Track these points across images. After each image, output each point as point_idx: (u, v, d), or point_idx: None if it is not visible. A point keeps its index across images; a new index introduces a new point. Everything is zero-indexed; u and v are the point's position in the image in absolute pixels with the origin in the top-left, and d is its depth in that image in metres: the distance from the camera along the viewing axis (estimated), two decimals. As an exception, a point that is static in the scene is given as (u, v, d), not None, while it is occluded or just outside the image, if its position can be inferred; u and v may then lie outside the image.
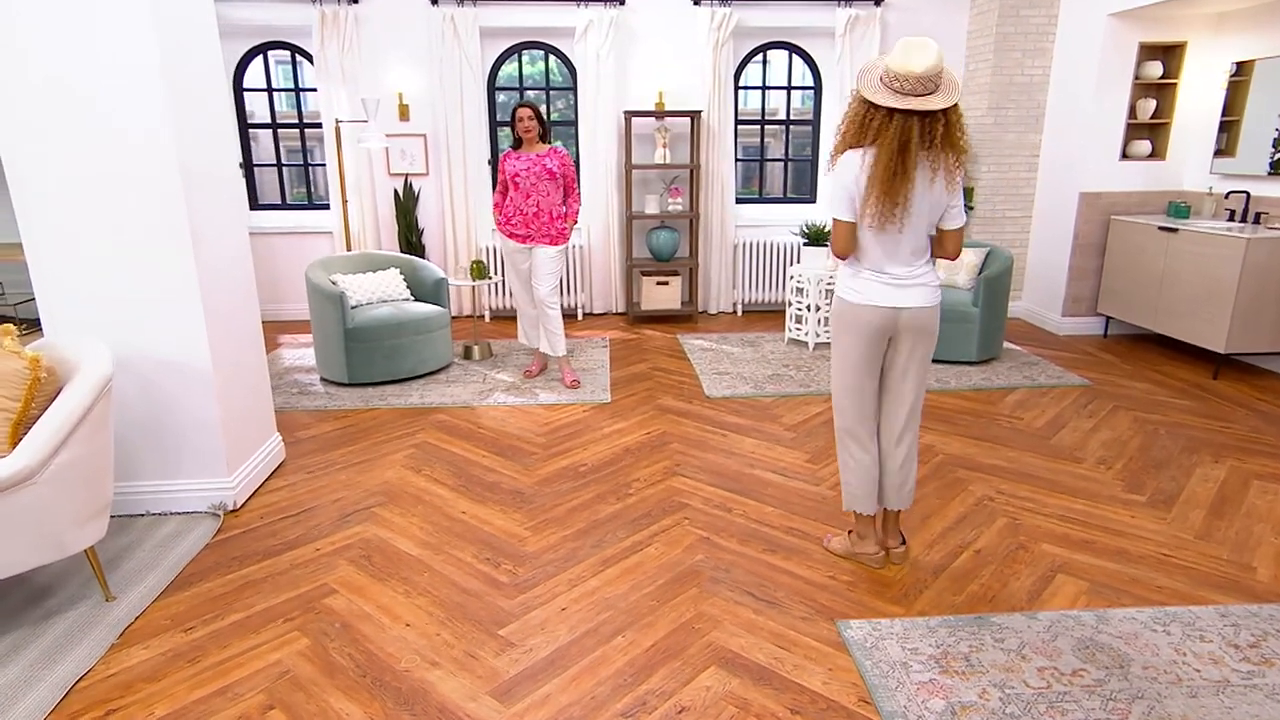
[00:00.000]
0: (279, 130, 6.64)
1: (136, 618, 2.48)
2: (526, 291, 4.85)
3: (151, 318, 2.96)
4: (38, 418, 2.33)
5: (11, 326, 2.51)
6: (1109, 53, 5.51)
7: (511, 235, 4.65)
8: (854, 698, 2.10)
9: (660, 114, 6.09)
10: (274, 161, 6.69)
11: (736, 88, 6.57)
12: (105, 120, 2.76)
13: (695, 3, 6.13)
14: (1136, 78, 5.61)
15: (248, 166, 6.58)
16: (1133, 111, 5.68)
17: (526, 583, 2.67)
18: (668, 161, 6.21)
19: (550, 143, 4.66)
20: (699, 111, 6.10)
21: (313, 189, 6.88)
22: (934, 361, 5.15)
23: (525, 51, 6.48)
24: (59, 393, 2.39)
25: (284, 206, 6.76)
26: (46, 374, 2.34)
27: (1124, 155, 5.72)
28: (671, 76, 6.30)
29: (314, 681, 2.18)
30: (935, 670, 2.19)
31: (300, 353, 5.52)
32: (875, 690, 2.11)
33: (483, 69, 6.29)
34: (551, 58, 6.52)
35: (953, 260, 2.60)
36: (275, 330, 6.26)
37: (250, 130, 6.58)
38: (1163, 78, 5.61)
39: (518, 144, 4.62)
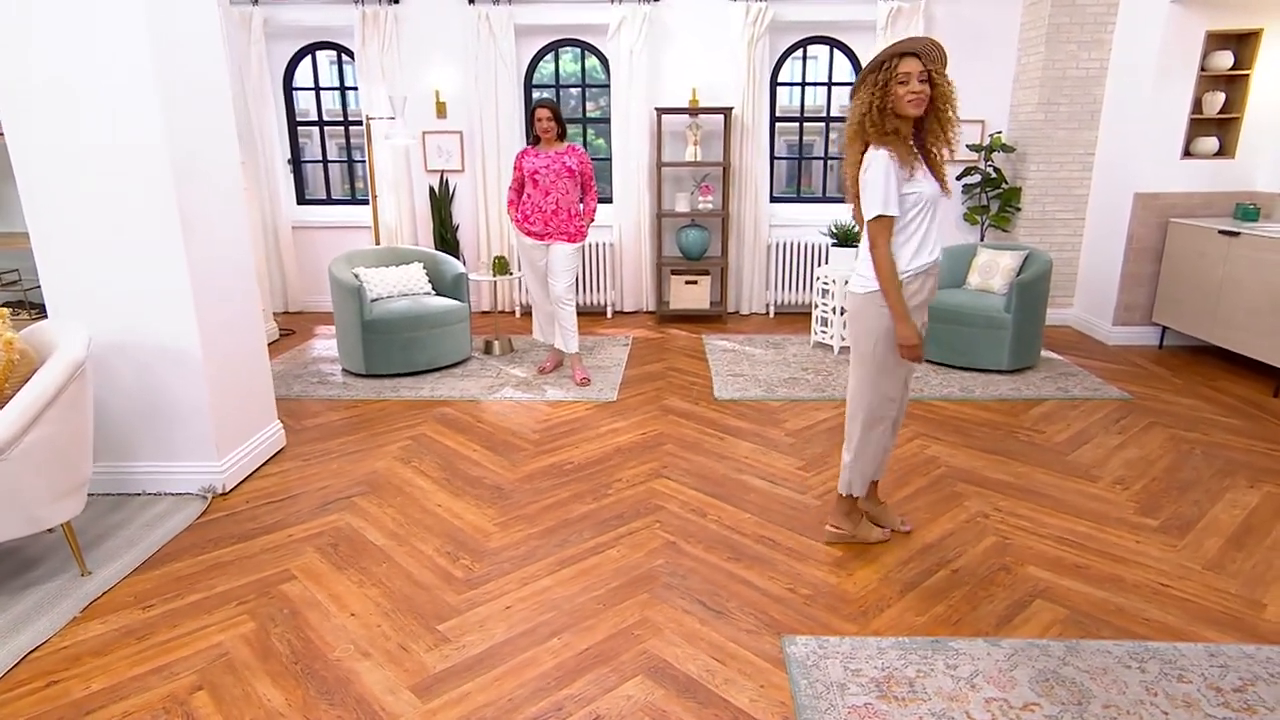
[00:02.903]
0: (325, 127, 6.85)
1: (104, 593, 2.57)
2: (542, 288, 4.85)
3: (146, 306, 3.08)
4: (12, 397, 2.45)
5: (4, 310, 2.65)
6: (1170, 42, 5.13)
7: (529, 233, 4.66)
8: (778, 717, 2.00)
9: (690, 111, 6.00)
10: (319, 158, 6.91)
11: (774, 84, 6.42)
12: (102, 118, 2.89)
13: (731, -3, 6.02)
14: (1203, 69, 5.20)
15: (296, 162, 6.81)
16: (1198, 106, 5.28)
17: (479, 579, 2.65)
18: (699, 159, 6.12)
19: (568, 140, 4.65)
20: (730, 109, 5.98)
21: (357, 185, 7.07)
22: (965, 369, 4.91)
23: (567, 49, 6.50)
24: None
25: (329, 201, 6.98)
26: (20, 356, 2.46)
27: (1187, 153, 5.32)
28: (705, 73, 6.21)
29: (247, 665, 2.22)
30: (873, 694, 2.07)
31: (329, 343, 5.68)
32: (803, 711, 2.01)
33: (518, 67, 6.33)
34: (592, 55, 6.51)
35: (869, 254, 2.47)
36: (314, 321, 6.47)
37: (299, 127, 6.81)
38: (1233, 68, 5.19)
39: (536, 141, 4.63)
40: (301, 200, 6.92)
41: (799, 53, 6.42)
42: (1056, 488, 3.30)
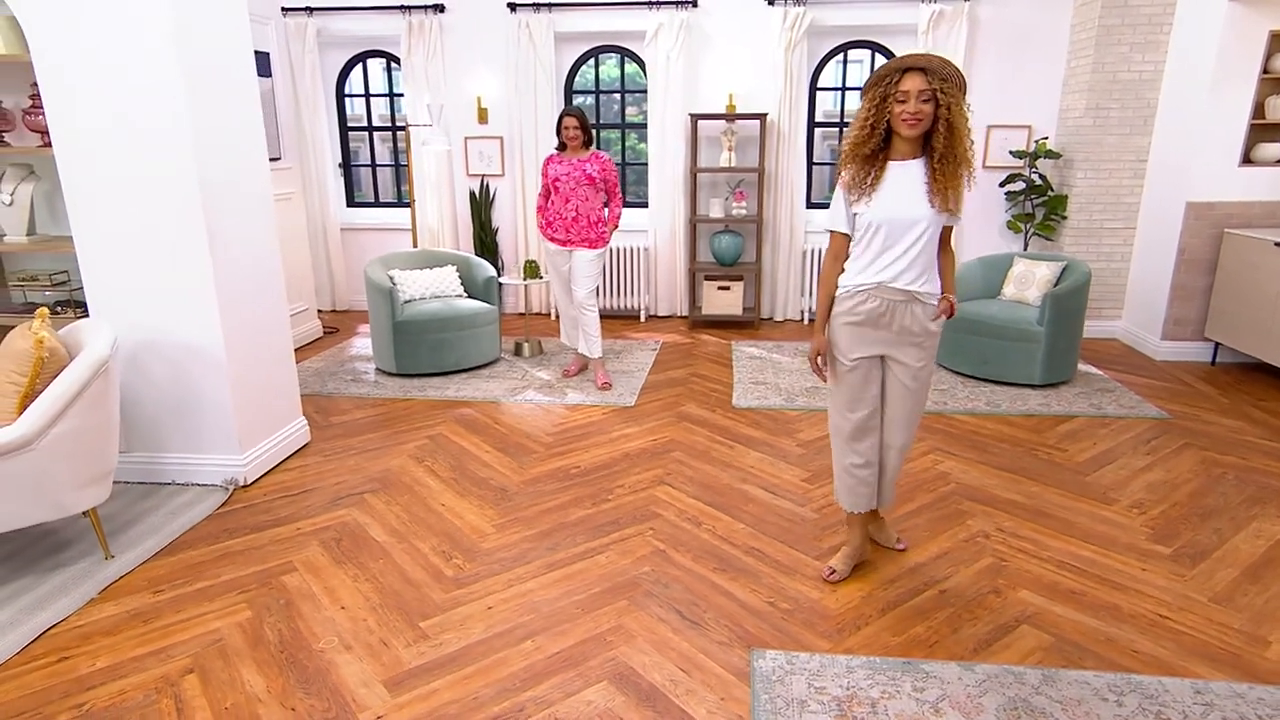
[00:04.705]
0: (377, 132, 7.09)
1: (122, 576, 2.75)
2: (567, 293, 4.93)
3: (175, 307, 3.27)
4: (42, 392, 2.64)
5: (44, 310, 2.86)
6: (1229, 44, 4.88)
7: (552, 239, 4.75)
8: (732, 731, 2.01)
9: (725, 117, 6.00)
10: (369, 162, 7.16)
11: (814, 89, 6.36)
12: (137, 133, 3.08)
13: (769, 3, 5.98)
14: (1265, 71, 4.94)
15: (346, 167, 7.08)
16: (1260, 110, 5.01)
17: (468, 578, 2.73)
18: (733, 165, 6.11)
19: (594, 148, 4.72)
20: (765, 114, 5.95)
21: (405, 188, 7.29)
22: (995, 383, 4.80)
23: (610, 55, 6.58)
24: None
25: (377, 204, 7.22)
26: (49, 354, 2.65)
27: (1246, 160, 5.06)
28: (742, 79, 6.19)
29: (238, 652, 2.35)
30: (833, 713, 2.06)
31: (367, 342, 5.87)
32: (758, 726, 2.01)
33: (558, 73, 6.43)
34: (633, 61, 6.56)
35: None
36: (359, 320, 6.69)
37: (350, 132, 7.07)
38: (1301, 71, 4.92)
39: (562, 148, 4.72)
40: (351, 203, 7.18)
41: (840, 56, 6.34)
42: (1068, 509, 3.20)
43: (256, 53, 5.27)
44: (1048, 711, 2.06)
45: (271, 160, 5.43)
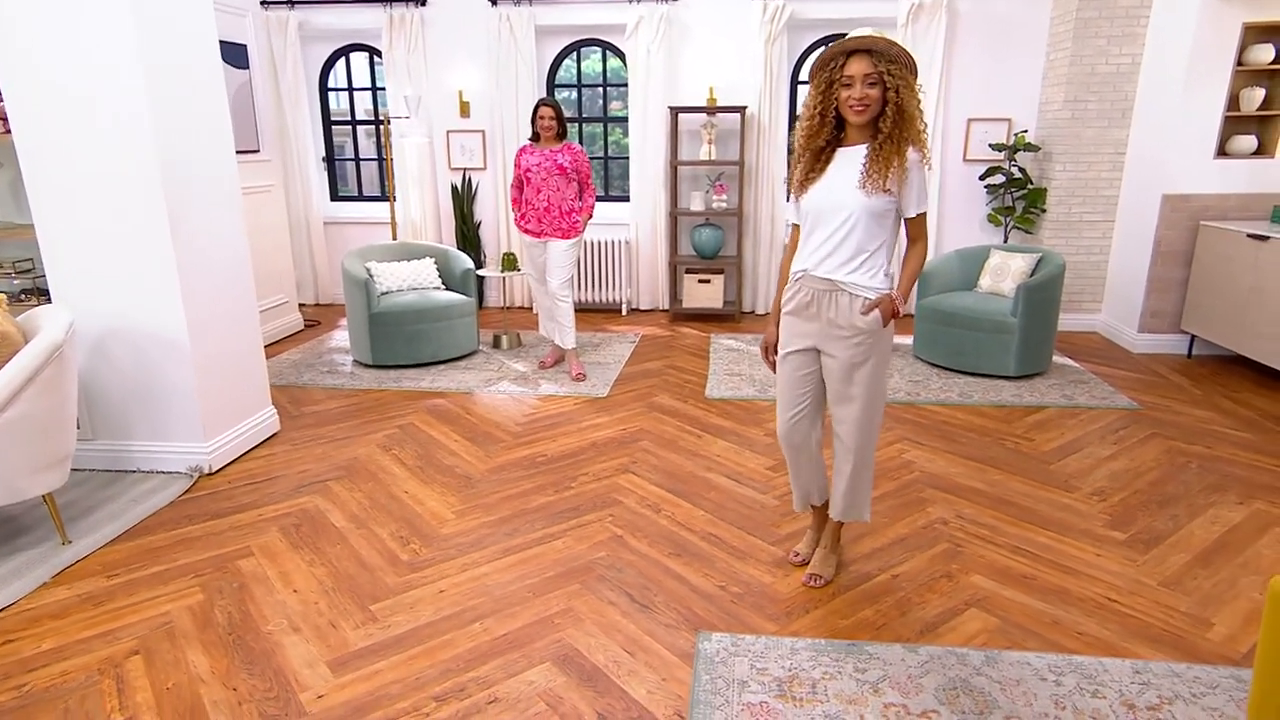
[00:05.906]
0: (359, 126, 7.09)
1: (77, 561, 2.75)
2: (543, 285, 4.93)
3: (139, 294, 3.27)
4: (-4, 376, 2.64)
5: (2, 296, 2.86)
6: (1204, 36, 4.88)
7: (526, 230, 4.76)
8: (670, 711, 2.02)
9: (705, 110, 6.00)
10: (353, 156, 7.16)
11: (795, 82, 6.36)
12: (98, 121, 3.08)
13: (749, -5, 5.99)
14: (1240, 64, 4.94)
15: (330, 160, 7.08)
16: (1234, 102, 5.01)
17: (423, 563, 2.74)
18: (713, 158, 6.10)
19: (566, 140, 4.72)
20: (745, 107, 5.95)
21: (387, 182, 7.28)
22: (969, 374, 4.80)
23: (594, 49, 6.57)
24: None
25: (361, 198, 7.22)
26: (1, 338, 2.65)
27: (1221, 152, 5.06)
28: (723, 72, 6.19)
29: (185, 634, 2.35)
30: (772, 694, 2.06)
31: (346, 334, 5.87)
32: (695, 706, 2.02)
33: (539, 66, 6.43)
34: (615, 57, 6.56)
35: None
36: (341, 314, 6.69)
37: (335, 126, 7.07)
38: (1275, 63, 4.91)
39: (535, 138, 4.71)
40: (335, 197, 7.18)
41: (821, 50, 6.33)
42: (1028, 497, 3.20)
43: (234, 44, 5.30)
44: (986, 691, 2.06)
45: (250, 152, 5.46)
